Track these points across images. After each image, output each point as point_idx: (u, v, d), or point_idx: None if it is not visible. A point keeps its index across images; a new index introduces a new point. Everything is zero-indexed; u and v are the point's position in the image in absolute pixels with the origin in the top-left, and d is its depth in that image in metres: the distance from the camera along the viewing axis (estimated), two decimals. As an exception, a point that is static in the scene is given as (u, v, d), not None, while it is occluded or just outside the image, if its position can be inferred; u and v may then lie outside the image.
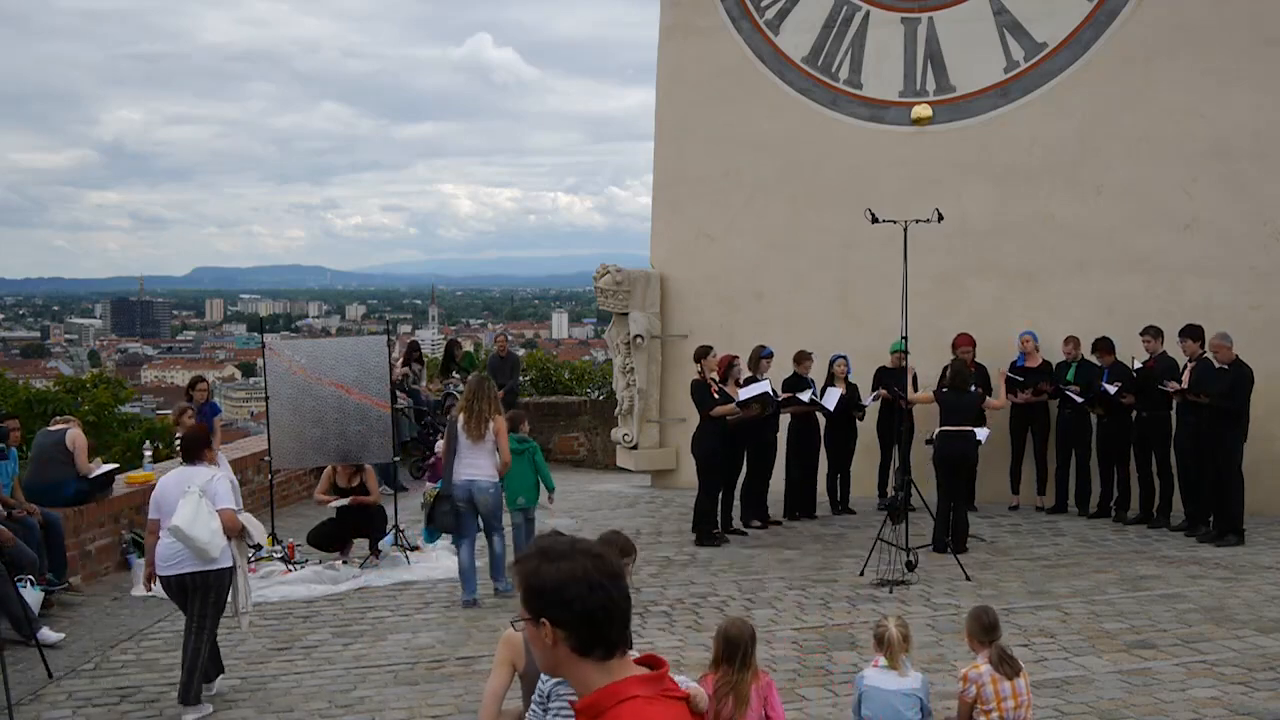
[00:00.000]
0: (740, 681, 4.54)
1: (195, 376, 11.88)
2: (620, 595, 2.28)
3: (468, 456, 8.32)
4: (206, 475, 6.48)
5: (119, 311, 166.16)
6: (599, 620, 2.24)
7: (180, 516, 6.19)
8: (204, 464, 6.62)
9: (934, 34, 11.88)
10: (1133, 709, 6.07)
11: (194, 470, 6.53)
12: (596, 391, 18.20)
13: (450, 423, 8.60)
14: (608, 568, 2.29)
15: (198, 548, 6.21)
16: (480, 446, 8.31)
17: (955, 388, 9.61)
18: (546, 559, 2.29)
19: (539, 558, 2.30)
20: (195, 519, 6.19)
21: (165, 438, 17.01)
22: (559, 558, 2.29)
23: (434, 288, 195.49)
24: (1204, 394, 9.65)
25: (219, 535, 6.28)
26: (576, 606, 2.22)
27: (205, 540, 6.20)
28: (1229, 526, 9.79)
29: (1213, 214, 11.18)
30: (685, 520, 10.50)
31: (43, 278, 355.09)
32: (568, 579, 2.25)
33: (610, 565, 2.30)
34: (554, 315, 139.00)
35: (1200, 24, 11.21)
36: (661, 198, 13.03)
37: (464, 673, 6.84)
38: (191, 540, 6.19)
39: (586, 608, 2.23)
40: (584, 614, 2.23)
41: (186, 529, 6.16)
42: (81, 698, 6.58)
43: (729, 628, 4.69)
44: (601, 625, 2.24)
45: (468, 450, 8.32)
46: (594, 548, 2.34)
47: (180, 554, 6.27)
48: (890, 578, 8.56)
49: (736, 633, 4.62)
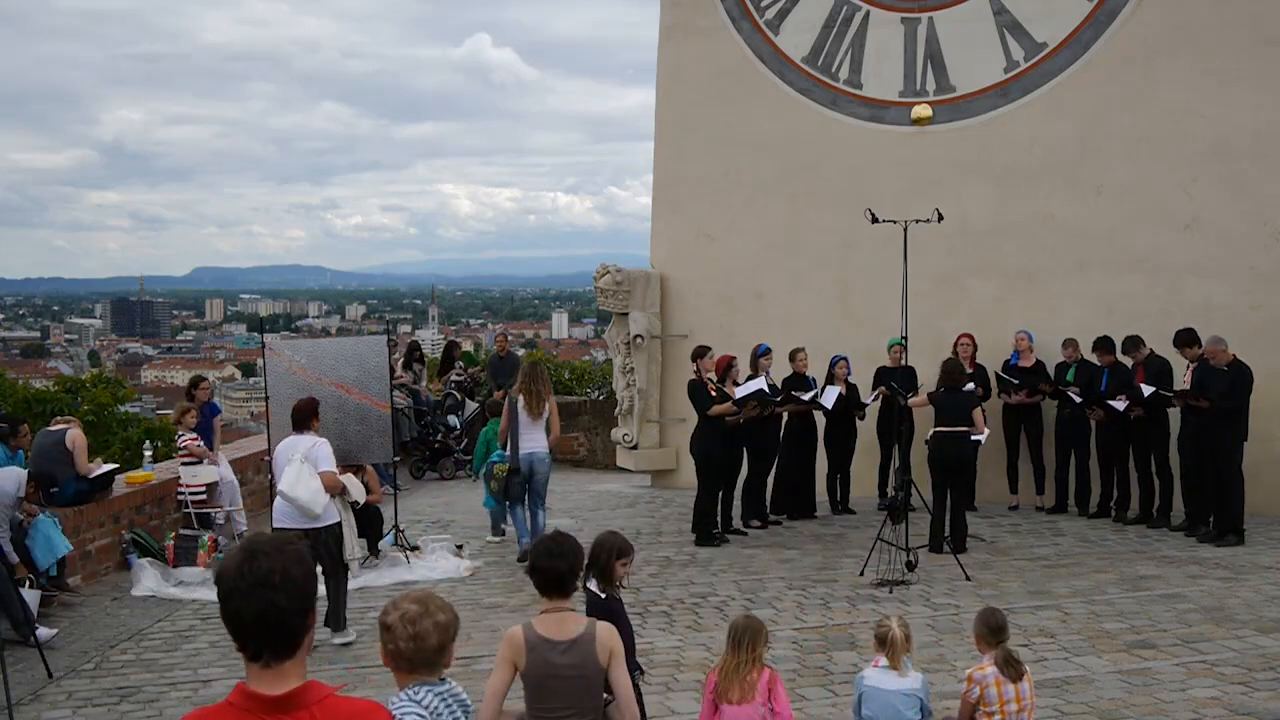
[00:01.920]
0: (738, 665, 4.56)
1: (196, 376, 11.87)
2: (258, 603, 2.19)
3: (527, 432, 9.41)
4: (309, 443, 7.39)
5: (119, 311, 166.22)
6: (228, 625, 2.23)
7: (285, 481, 7.13)
8: (310, 433, 7.52)
9: (934, 34, 11.88)
10: (1133, 709, 6.07)
11: (299, 439, 7.46)
12: (596, 391, 18.20)
13: (510, 402, 9.59)
14: (255, 572, 2.20)
15: (301, 506, 7.09)
16: (538, 423, 9.43)
17: (948, 386, 9.60)
18: (230, 558, 2.28)
19: (233, 556, 2.28)
20: (297, 482, 7.10)
21: (165, 437, 17.03)
22: (231, 558, 2.27)
23: (434, 288, 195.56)
24: (1203, 397, 9.65)
25: (320, 494, 7.16)
26: (223, 608, 2.24)
27: (306, 500, 7.09)
28: (1229, 526, 9.79)
29: (1213, 214, 11.18)
30: (685, 520, 10.50)
31: (43, 278, 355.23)
32: (219, 578, 2.26)
33: (259, 570, 2.21)
34: (554, 315, 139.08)
35: (1200, 24, 11.21)
36: (661, 198, 13.03)
37: (464, 673, 6.83)
38: (294, 500, 7.08)
39: (223, 611, 2.23)
40: (223, 615, 2.24)
41: (289, 491, 7.08)
42: (81, 698, 6.58)
43: (736, 619, 4.80)
44: (232, 631, 2.23)
45: (527, 426, 9.41)
46: (284, 548, 2.26)
47: (289, 512, 7.17)
48: (890, 578, 8.57)
49: (743, 624, 4.70)
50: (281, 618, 2.21)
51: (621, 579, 4.85)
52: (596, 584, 4.81)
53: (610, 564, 4.77)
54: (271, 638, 2.22)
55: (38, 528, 8.02)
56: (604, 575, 4.78)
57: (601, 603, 4.78)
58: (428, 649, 2.95)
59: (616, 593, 4.85)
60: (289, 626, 2.23)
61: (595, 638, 3.92)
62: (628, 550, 4.84)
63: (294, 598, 2.22)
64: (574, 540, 4.12)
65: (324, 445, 7.47)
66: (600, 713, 4.00)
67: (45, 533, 8.04)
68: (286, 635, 2.23)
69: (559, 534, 4.15)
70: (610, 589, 4.80)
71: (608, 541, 4.84)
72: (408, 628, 2.93)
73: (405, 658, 2.94)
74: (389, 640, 2.97)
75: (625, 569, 4.84)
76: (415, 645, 2.93)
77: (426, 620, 2.96)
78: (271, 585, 2.20)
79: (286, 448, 7.44)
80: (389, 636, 2.98)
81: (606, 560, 4.76)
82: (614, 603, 4.81)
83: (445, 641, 2.99)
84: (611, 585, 4.81)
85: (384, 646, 3.02)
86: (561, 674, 3.89)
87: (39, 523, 8.06)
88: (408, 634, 2.93)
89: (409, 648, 2.94)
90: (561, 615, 3.96)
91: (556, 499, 12.45)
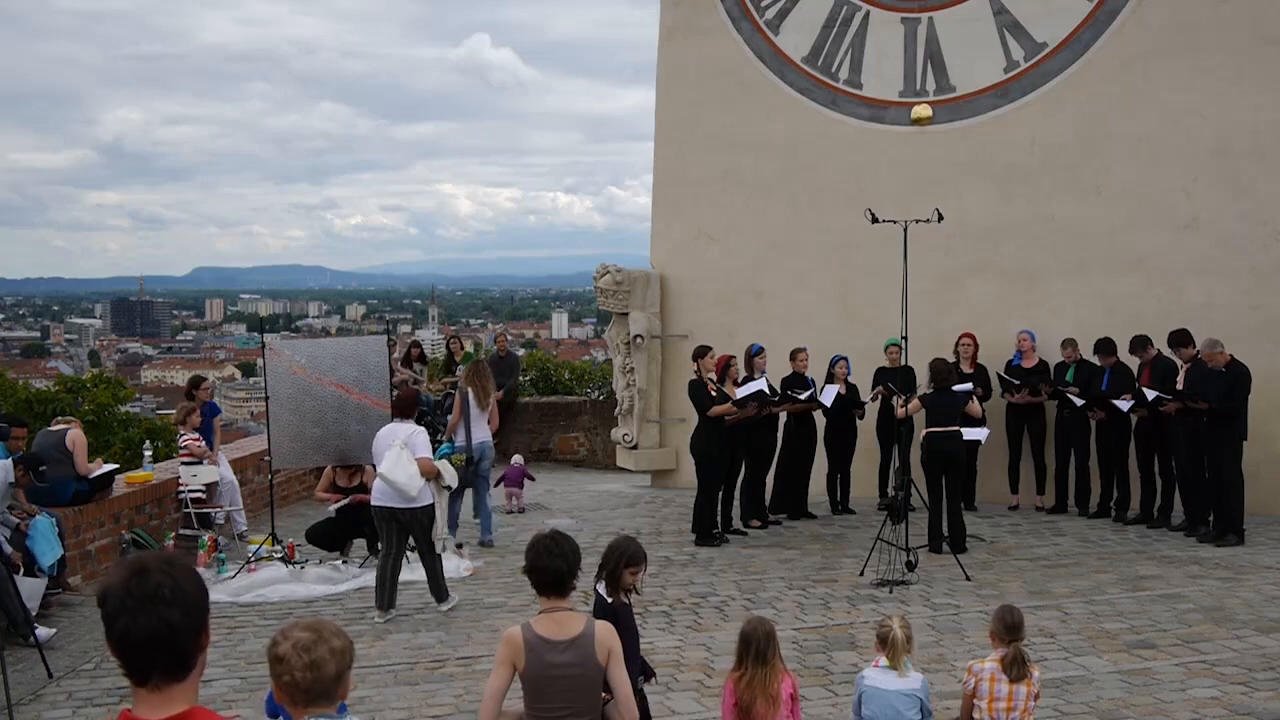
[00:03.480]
0: (757, 678, 4.52)
1: (196, 376, 11.87)
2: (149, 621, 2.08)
3: (476, 423, 10.14)
4: (408, 430, 8.02)
5: (119, 311, 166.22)
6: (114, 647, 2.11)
7: (384, 464, 7.80)
8: (409, 421, 8.19)
9: (934, 34, 11.88)
10: (1133, 709, 6.07)
11: (400, 426, 8.11)
12: (596, 391, 18.19)
13: (461, 394, 10.32)
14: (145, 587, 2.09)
15: (398, 488, 7.76)
16: (484, 414, 10.20)
17: (937, 387, 9.60)
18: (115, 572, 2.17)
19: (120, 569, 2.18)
20: (395, 465, 7.76)
21: (165, 437, 17.04)
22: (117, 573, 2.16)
23: (434, 288, 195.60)
24: (1201, 400, 9.65)
25: (416, 478, 7.81)
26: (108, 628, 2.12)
27: (403, 482, 7.75)
28: (1229, 526, 9.79)
29: (1213, 214, 11.18)
30: (685, 520, 10.50)
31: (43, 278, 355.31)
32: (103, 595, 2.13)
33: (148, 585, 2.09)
34: (554, 315, 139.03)
35: (1200, 24, 11.21)
36: (661, 198, 13.03)
37: (464, 673, 6.84)
38: (392, 482, 7.75)
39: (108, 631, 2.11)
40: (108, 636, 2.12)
41: (388, 474, 7.76)
42: (81, 698, 6.58)
43: (745, 625, 4.71)
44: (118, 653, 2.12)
45: (476, 417, 10.14)
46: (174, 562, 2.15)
47: (388, 492, 7.85)
48: (890, 578, 8.56)
49: (751, 630, 4.64)
50: (173, 636, 2.09)
51: (630, 586, 4.79)
52: (605, 586, 4.78)
53: (618, 569, 4.72)
54: (161, 658, 2.09)
55: (36, 528, 8.01)
56: (612, 580, 4.74)
57: (605, 606, 4.74)
58: (325, 678, 2.71)
59: (624, 598, 4.81)
60: (181, 645, 2.10)
61: (594, 637, 3.92)
62: (639, 559, 4.76)
63: (188, 614, 2.10)
64: (573, 540, 4.10)
65: (421, 433, 8.11)
66: (599, 712, 4.00)
67: (44, 533, 8.03)
68: (178, 655, 2.10)
69: (557, 534, 4.14)
70: (617, 594, 4.77)
71: (619, 546, 4.79)
72: (302, 656, 2.69)
73: (302, 689, 2.69)
74: (283, 672, 2.70)
75: (634, 577, 4.77)
76: (312, 675, 2.69)
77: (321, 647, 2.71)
78: (163, 600, 2.08)
79: (387, 434, 8.06)
80: (282, 668, 2.70)
81: (615, 565, 4.72)
82: (619, 607, 4.76)
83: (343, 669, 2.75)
84: (618, 590, 4.76)
85: (277, 680, 2.73)
86: (560, 674, 3.88)
87: (37, 523, 8.05)
88: (303, 663, 2.68)
89: (305, 678, 2.68)
90: (560, 615, 3.95)
91: (557, 499, 12.46)
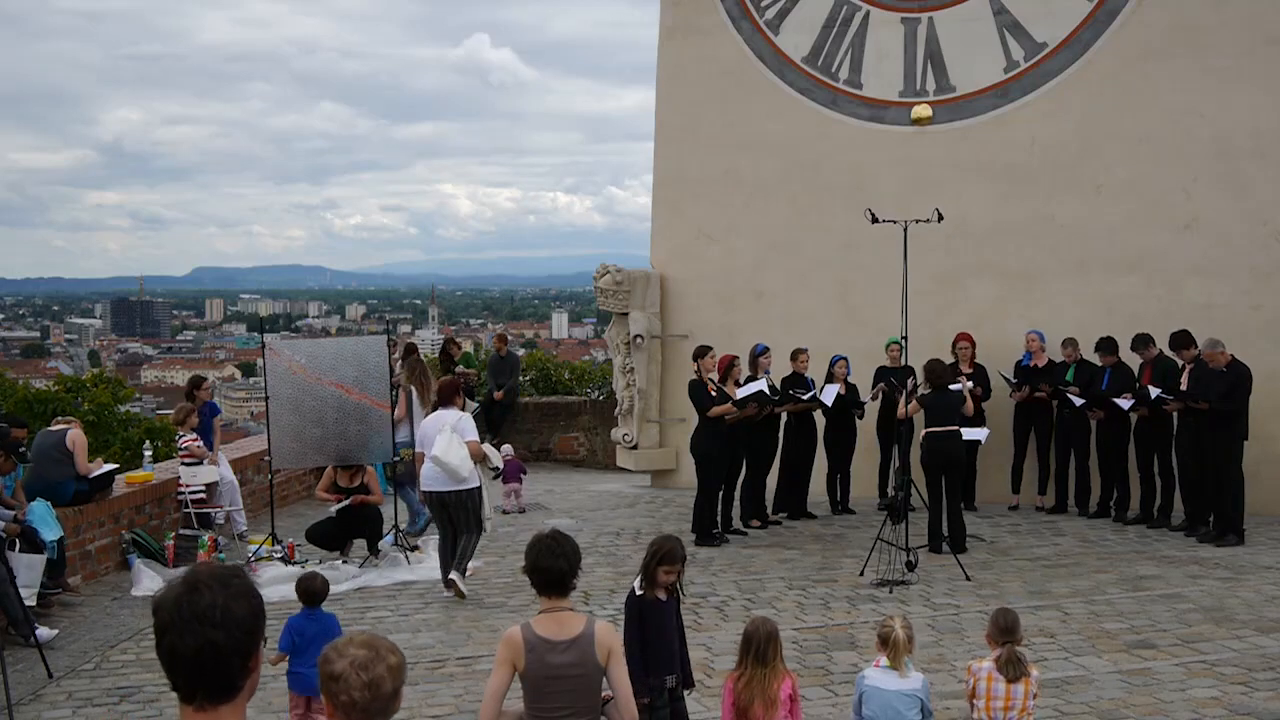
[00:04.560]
0: (756, 678, 4.54)
1: (196, 376, 11.86)
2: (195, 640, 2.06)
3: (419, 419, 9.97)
4: (455, 417, 8.46)
5: (119, 311, 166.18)
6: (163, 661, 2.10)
7: (437, 447, 8.19)
8: (454, 408, 8.54)
9: (934, 34, 11.88)
10: (1133, 709, 6.07)
11: (446, 413, 8.49)
12: (596, 391, 18.18)
13: (406, 393, 10.42)
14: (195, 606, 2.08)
15: (450, 470, 8.19)
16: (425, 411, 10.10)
17: (934, 387, 9.60)
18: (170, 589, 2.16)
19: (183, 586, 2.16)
20: (448, 449, 8.19)
21: (165, 437, 17.03)
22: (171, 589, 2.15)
23: (434, 288, 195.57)
24: (1203, 401, 9.64)
25: (467, 461, 8.26)
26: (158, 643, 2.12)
27: (456, 464, 8.19)
28: (1229, 526, 9.79)
29: (1213, 214, 11.18)
30: (685, 520, 10.50)
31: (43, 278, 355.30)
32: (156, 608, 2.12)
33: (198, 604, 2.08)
34: (554, 315, 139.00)
35: (1200, 24, 11.21)
36: (661, 198, 13.03)
37: (464, 673, 6.84)
38: (446, 465, 8.17)
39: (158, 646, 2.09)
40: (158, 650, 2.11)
41: (442, 456, 8.17)
42: (81, 698, 6.58)
43: (748, 625, 4.75)
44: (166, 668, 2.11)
45: (420, 414, 10.06)
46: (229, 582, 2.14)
47: (439, 476, 8.25)
48: (890, 578, 8.56)
49: (752, 630, 4.67)
50: (218, 657, 2.08)
51: (666, 584, 4.85)
52: (640, 581, 4.86)
53: (652, 566, 4.80)
54: (207, 678, 2.08)
55: (33, 511, 7.98)
56: (648, 577, 4.82)
57: (633, 600, 4.82)
58: (383, 696, 2.62)
59: (658, 595, 4.85)
60: (226, 667, 2.09)
61: (594, 637, 3.92)
62: (674, 558, 4.81)
63: (234, 636, 2.08)
64: (573, 540, 4.10)
65: (469, 419, 8.55)
66: (599, 712, 3.99)
67: (41, 515, 8.02)
68: (223, 677, 2.09)
69: (558, 533, 4.14)
70: (650, 590, 4.83)
71: (656, 544, 4.87)
72: (360, 675, 2.59)
73: (360, 708, 2.60)
74: (340, 691, 2.60)
75: (669, 575, 4.83)
76: (371, 694, 2.59)
77: (379, 665, 2.62)
78: (211, 622, 2.07)
79: (434, 421, 8.48)
80: (339, 687, 2.60)
81: (649, 562, 4.81)
82: (648, 604, 4.83)
83: (398, 685, 2.67)
84: (653, 587, 4.83)
85: (332, 700, 2.63)
86: (560, 674, 3.88)
87: (33, 508, 8.02)
88: (361, 682, 2.58)
89: (364, 697, 2.59)
90: (560, 615, 3.95)
91: (557, 499, 12.46)
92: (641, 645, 4.80)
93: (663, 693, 4.84)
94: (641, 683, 4.78)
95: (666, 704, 4.85)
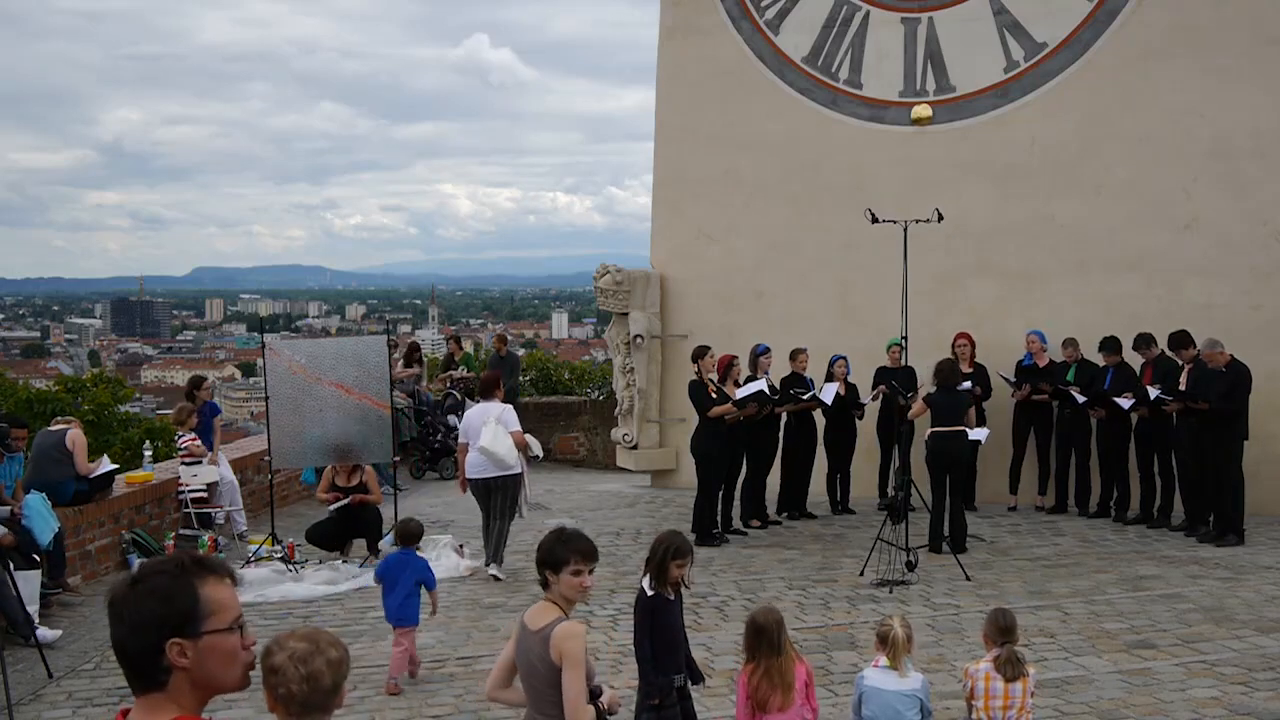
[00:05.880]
0: (773, 667, 4.54)
1: (196, 376, 11.87)
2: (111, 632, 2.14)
3: None
4: (498, 409, 8.94)
5: (119, 311, 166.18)
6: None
7: (485, 438, 8.70)
8: (495, 400, 9.07)
9: (934, 34, 11.88)
10: (1133, 709, 6.07)
11: (489, 406, 8.97)
12: (596, 391, 18.19)
13: None
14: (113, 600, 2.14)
15: (498, 459, 8.73)
16: None
17: (943, 386, 9.60)
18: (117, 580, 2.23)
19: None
20: (495, 439, 8.71)
21: (165, 437, 17.02)
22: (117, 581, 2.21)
23: (434, 288, 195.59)
24: (1202, 401, 9.64)
25: (512, 449, 8.80)
26: None
27: (503, 453, 8.73)
28: (1229, 526, 9.79)
29: (1213, 214, 11.18)
30: (685, 520, 10.49)
31: (43, 278, 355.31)
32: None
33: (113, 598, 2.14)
34: (554, 315, 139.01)
35: (1200, 24, 11.21)
36: (661, 198, 13.03)
37: (464, 673, 6.84)
38: (493, 454, 8.71)
39: None
40: None
41: (490, 446, 8.70)
42: (81, 698, 6.58)
43: (756, 615, 4.72)
44: None
45: None
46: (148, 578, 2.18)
47: (485, 464, 8.79)
48: (890, 578, 8.56)
49: (764, 620, 4.64)
50: (125, 654, 2.14)
51: (678, 580, 4.84)
52: (650, 580, 4.83)
53: (665, 562, 4.78)
54: (126, 670, 2.15)
55: (29, 505, 7.96)
56: (659, 573, 4.80)
57: (644, 600, 4.81)
58: (321, 690, 2.64)
59: (667, 592, 4.84)
60: (135, 664, 2.14)
61: (550, 637, 3.83)
62: (685, 552, 4.81)
63: (136, 634, 2.13)
64: (580, 533, 4.13)
65: (511, 411, 9.03)
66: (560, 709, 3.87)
67: (37, 509, 8.01)
68: (135, 670, 2.14)
69: (564, 528, 4.16)
70: (662, 588, 4.81)
71: (666, 540, 4.84)
72: (299, 668, 2.62)
73: (297, 701, 2.63)
74: (277, 684, 2.63)
75: (681, 570, 4.82)
76: (309, 687, 2.62)
77: (318, 659, 2.65)
78: (118, 618, 2.14)
79: (478, 413, 8.94)
80: (277, 679, 2.63)
81: (662, 558, 4.78)
82: (659, 602, 4.81)
83: (339, 681, 2.69)
84: (664, 584, 4.81)
85: (271, 691, 2.65)
86: (528, 661, 3.90)
87: (30, 501, 8.00)
88: (299, 675, 2.62)
89: (302, 690, 2.62)
90: (545, 605, 3.96)
91: (557, 499, 12.46)
92: (652, 646, 4.80)
93: (671, 692, 4.84)
94: (652, 684, 4.78)
95: (675, 703, 4.85)
